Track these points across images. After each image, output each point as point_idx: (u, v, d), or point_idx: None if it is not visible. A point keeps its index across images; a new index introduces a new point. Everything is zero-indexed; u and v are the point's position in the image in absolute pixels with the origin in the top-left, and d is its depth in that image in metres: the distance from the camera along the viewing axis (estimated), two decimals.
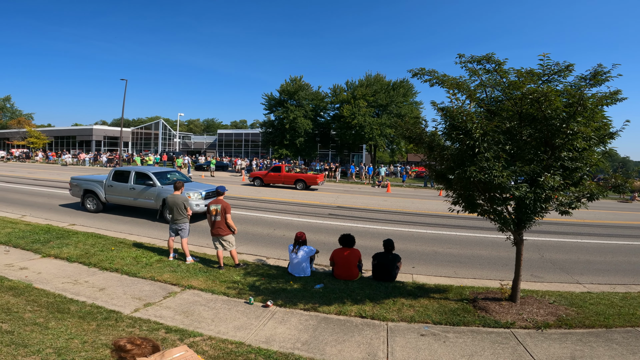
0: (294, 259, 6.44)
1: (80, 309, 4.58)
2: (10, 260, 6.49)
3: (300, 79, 37.76)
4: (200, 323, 4.56)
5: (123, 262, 6.61)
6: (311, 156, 39.08)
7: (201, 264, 6.88)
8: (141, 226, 9.95)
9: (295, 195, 18.31)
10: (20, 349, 3.30)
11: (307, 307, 5.16)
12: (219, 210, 6.54)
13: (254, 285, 5.88)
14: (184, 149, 56.26)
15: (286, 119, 35.57)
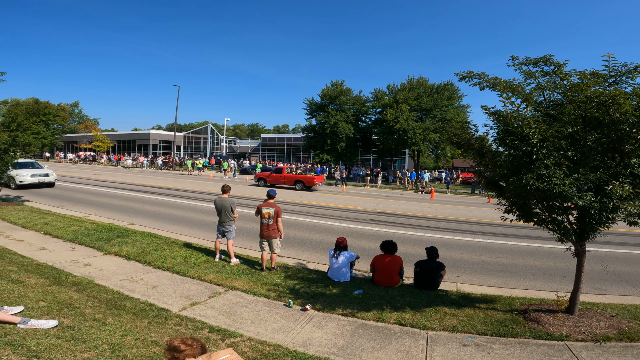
0: (334, 264, 6.46)
1: (134, 306, 4.82)
2: (75, 256, 7.09)
3: (341, 84, 37.88)
4: (241, 324, 4.67)
5: (174, 261, 6.99)
6: (352, 161, 38.91)
7: (244, 265, 7.10)
8: (191, 227, 10.50)
9: (336, 200, 18.36)
10: (79, 344, 3.41)
11: (345, 312, 5.15)
12: (271, 213, 6.73)
13: (293, 289, 5.95)
14: (230, 153, 58.78)
15: (327, 124, 35.79)
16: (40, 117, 38.02)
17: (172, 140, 53.65)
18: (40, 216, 10.36)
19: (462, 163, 57.98)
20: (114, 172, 31.74)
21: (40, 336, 3.37)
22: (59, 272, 5.90)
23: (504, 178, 4.86)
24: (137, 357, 3.38)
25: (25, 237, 8.18)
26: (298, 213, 13.43)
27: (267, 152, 54.46)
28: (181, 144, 59.18)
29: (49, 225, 9.20)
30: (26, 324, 3.55)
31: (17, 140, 11.89)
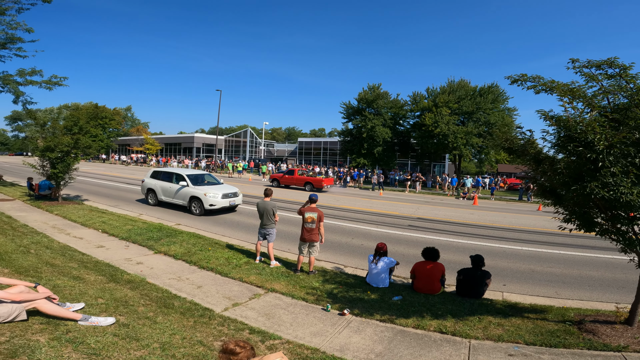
0: (373, 269, 6.44)
1: (181, 305, 5.01)
2: (129, 255, 7.56)
3: (378, 87, 37.43)
4: (279, 326, 4.73)
5: (217, 262, 7.23)
6: (389, 165, 38.22)
7: (284, 267, 7.21)
8: (232, 229, 10.84)
9: (373, 205, 18.16)
10: (133, 342, 3.50)
11: (383, 318, 5.12)
12: (314, 218, 6.83)
13: (331, 293, 5.98)
14: (268, 157, 60.13)
15: (364, 128, 35.46)
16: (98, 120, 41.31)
17: (214, 144, 55.98)
18: (98, 215, 11.18)
19: (507, 168, 54.95)
20: None
21: (99, 334, 3.49)
22: (115, 270, 6.30)
23: (564, 186, 4.62)
24: (184, 356, 3.48)
25: (84, 235, 8.86)
26: (335, 217, 13.41)
27: (304, 156, 55.04)
28: (222, 147, 61.51)
29: (106, 224, 9.91)
30: (86, 321, 3.68)
31: (79, 143, 12.92)
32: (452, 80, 34.62)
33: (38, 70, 17.28)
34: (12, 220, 9.49)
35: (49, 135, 13.20)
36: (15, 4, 15.72)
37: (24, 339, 3.08)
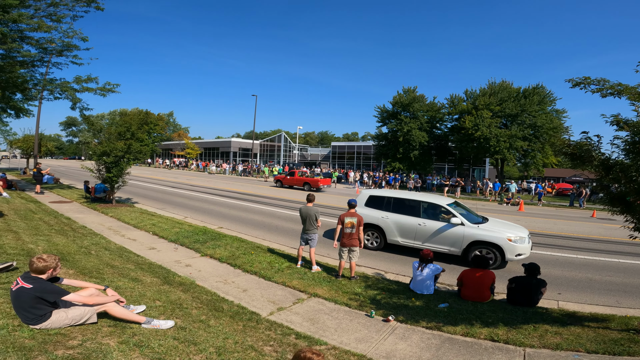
0: (418, 276, 6.37)
1: (230, 308, 5.09)
2: (178, 257, 7.86)
3: (414, 90, 36.68)
4: (324, 332, 4.73)
5: (260, 265, 7.35)
6: (426, 170, 37.22)
7: (325, 273, 7.22)
8: (272, 233, 10.98)
9: None
10: (191, 346, 3.51)
11: (429, 325, 5.03)
12: (354, 223, 6.83)
13: (374, 299, 5.93)
14: (301, 161, 60.77)
15: (400, 132, 34.82)
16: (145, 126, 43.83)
17: (250, 148, 57.49)
18: (148, 217, 11.78)
19: (555, 172, 51.66)
20: (202, 178, 35.01)
21: (160, 337, 3.55)
22: (167, 272, 6.56)
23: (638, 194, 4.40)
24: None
25: (137, 237, 9.35)
26: None
27: (337, 160, 55.02)
28: (257, 151, 63.00)
29: (156, 227, 10.40)
30: (149, 324, 3.74)
31: (131, 148, 13.71)
32: (493, 82, 33.19)
33: (93, 78, 18.21)
34: (71, 222, 10.23)
35: (104, 141, 14.06)
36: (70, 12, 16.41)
37: (95, 342, 3.18)
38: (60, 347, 2.99)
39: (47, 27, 15.06)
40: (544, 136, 30.44)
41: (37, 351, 2.88)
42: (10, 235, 6.73)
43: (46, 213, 10.83)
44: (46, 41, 16.48)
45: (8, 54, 15.52)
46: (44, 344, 3.00)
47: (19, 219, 8.66)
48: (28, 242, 6.50)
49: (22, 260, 5.19)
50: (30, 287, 3.24)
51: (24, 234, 7.15)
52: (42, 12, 15.49)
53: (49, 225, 8.86)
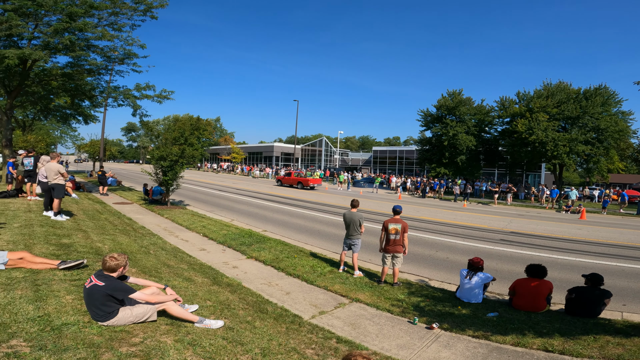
0: (466, 284, 6.22)
1: (273, 310, 5.21)
2: (226, 258, 8.23)
3: (460, 93, 35.24)
4: (365, 337, 4.71)
5: (303, 269, 7.47)
6: (474, 175, 35.50)
7: (367, 278, 7.21)
8: (314, 237, 11.12)
9: (457, 217, 17.10)
10: (239, 346, 3.56)
11: (476, 334, 4.87)
12: (398, 229, 6.82)
13: (418, 306, 5.84)
14: (342, 165, 60.77)
15: (445, 136, 33.60)
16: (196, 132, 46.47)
17: (292, 153, 58.64)
18: (199, 219, 12.45)
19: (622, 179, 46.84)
20: (246, 182, 36.33)
21: (211, 336, 3.62)
22: (216, 273, 6.89)
23: None
24: None
25: (189, 238, 9.93)
26: (416, 229, 12.95)
27: (379, 165, 54.32)
28: (299, 156, 64.07)
29: (206, 228, 10.97)
30: (201, 323, 3.83)
31: (184, 153, 14.60)
32: (549, 83, 30.92)
33: (151, 85, 19.23)
34: (132, 222, 11.11)
35: (161, 146, 15.05)
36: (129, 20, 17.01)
37: (154, 340, 3.29)
38: (124, 345, 3.14)
39: (110, 36, 15.83)
40: (609, 140, 27.82)
41: (104, 348, 3.01)
42: (80, 234, 7.42)
43: (110, 213, 11.88)
44: (109, 49, 17.33)
45: (76, 62, 16.70)
46: (110, 341, 3.16)
47: (87, 219, 9.57)
48: (96, 241, 7.13)
49: (91, 258, 5.66)
50: (102, 285, 3.47)
51: (92, 233, 7.87)
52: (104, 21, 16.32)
53: (113, 225, 9.70)
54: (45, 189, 8.90)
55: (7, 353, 2.70)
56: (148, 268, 5.87)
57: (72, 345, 2.95)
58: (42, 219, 8.21)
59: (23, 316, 3.35)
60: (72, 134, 49.16)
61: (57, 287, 4.16)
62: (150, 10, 16.73)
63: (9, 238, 6.16)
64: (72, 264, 4.91)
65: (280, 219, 14.07)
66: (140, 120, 21.43)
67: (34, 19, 14.06)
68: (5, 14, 12.59)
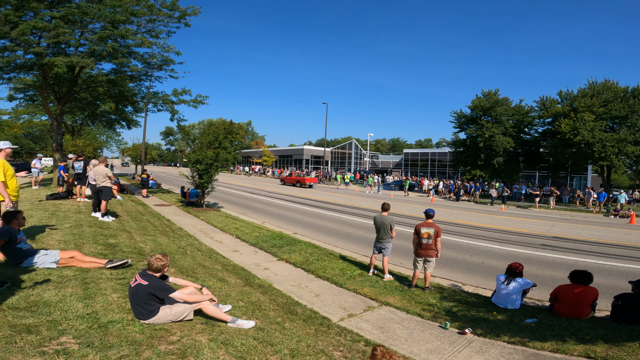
0: (503, 290, 6.05)
1: (303, 312, 5.25)
2: (257, 260, 8.43)
3: (495, 93, 33.85)
4: (394, 340, 4.67)
5: (332, 272, 7.51)
6: (512, 178, 33.93)
7: (397, 282, 7.15)
8: (343, 240, 11.12)
9: (493, 221, 16.48)
10: (268, 347, 3.61)
11: (512, 340, 4.74)
12: (431, 233, 6.72)
13: (450, 311, 5.73)
14: (372, 168, 60.24)
15: (480, 137, 32.36)
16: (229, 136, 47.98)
17: (322, 156, 58.89)
18: (232, 221, 12.84)
19: None
20: (277, 185, 36.94)
21: (242, 336, 3.69)
22: (248, 274, 7.08)
23: None
24: None
25: (223, 239, 10.27)
26: (450, 233, 12.61)
27: (410, 167, 53.31)
28: (329, 159, 64.27)
29: (239, 230, 11.31)
30: (234, 323, 3.91)
31: (219, 157, 15.09)
32: (594, 82, 28.98)
33: (187, 90, 19.91)
34: (171, 224, 11.67)
35: (197, 149, 15.67)
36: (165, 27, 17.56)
37: (190, 339, 3.39)
38: (163, 343, 3.24)
39: (149, 43, 16.41)
40: None
41: (145, 346, 3.11)
42: (125, 235, 7.90)
43: (151, 215, 12.55)
44: (149, 56, 17.97)
45: (119, 68, 17.54)
46: (150, 339, 3.27)
47: (131, 220, 10.18)
48: (139, 242, 7.56)
49: (134, 258, 5.99)
50: (146, 284, 3.66)
51: (135, 233, 8.36)
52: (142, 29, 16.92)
53: (153, 226, 10.24)
54: (93, 191, 9.57)
55: (56, 350, 2.82)
56: (185, 268, 6.14)
57: (117, 343, 3.08)
58: (90, 219, 8.82)
59: (73, 313, 3.55)
60: (117, 139, 52.42)
61: (104, 285, 4.44)
62: (184, 17, 17.27)
63: (60, 238, 6.66)
64: (117, 263, 5.23)
65: (310, 222, 14.20)
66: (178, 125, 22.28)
67: (80, 26, 14.83)
68: (53, 21, 13.32)
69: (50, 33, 13.30)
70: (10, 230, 4.78)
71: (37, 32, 13.60)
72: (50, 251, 5.09)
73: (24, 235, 5.11)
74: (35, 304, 3.67)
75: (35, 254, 4.93)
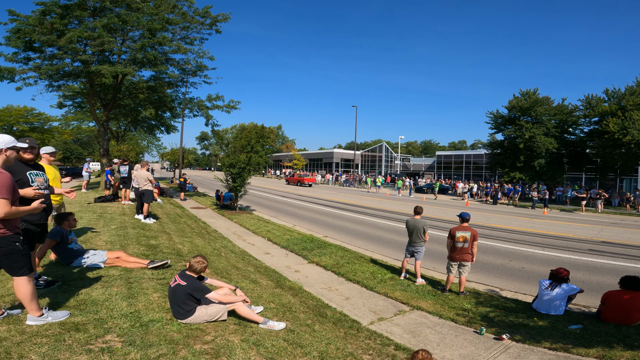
0: (545, 295, 5.85)
1: (332, 315, 5.26)
2: (288, 262, 8.56)
3: (535, 92, 32.16)
4: (425, 345, 4.59)
5: (363, 275, 7.48)
6: (556, 180, 32.05)
7: (429, 286, 7.01)
8: (374, 243, 11.03)
9: (535, 225, 15.66)
10: (298, 349, 3.63)
11: (554, 346, 4.57)
12: (467, 237, 6.59)
13: (486, 316, 5.56)
14: (404, 171, 59.10)
15: (520, 138, 30.89)
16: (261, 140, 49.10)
17: (352, 159, 58.65)
18: (264, 224, 13.12)
19: None
20: (307, 188, 37.24)
21: (273, 337, 3.73)
22: (279, 276, 7.20)
23: None
24: None
25: (255, 242, 10.53)
26: (487, 237, 12.14)
27: (443, 170, 51.77)
28: (359, 162, 63.83)
29: (270, 233, 11.53)
30: (265, 324, 3.96)
31: (251, 161, 15.47)
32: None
33: (221, 96, 20.67)
34: (206, 226, 12.13)
35: (231, 153, 16.11)
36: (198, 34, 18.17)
37: (223, 339, 3.47)
38: (198, 342, 3.32)
39: (184, 49, 17.13)
40: None
41: (182, 345, 3.20)
42: (165, 236, 8.30)
43: (189, 217, 13.10)
44: (184, 62, 18.67)
45: (158, 75, 18.28)
46: (186, 338, 3.35)
47: (170, 222, 10.69)
48: (177, 243, 7.92)
49: (173, 259, 6.26)
50: (185, 285, 3.80)
51: (174, 235, 8.77)
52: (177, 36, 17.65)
53: (190, 228, 10.69)
54: (137, 194, 10.17)
55: (102, 348, 2.93)
56: (220, 269, 6.36)
57: (156, 342, 3.17)
58: (134, 221, 9.36)
59: (117, 312, 3.70)
60: (157, 143, 55.29)
61: (146, 285, 4.67)
62: (215, 24, 17.86)
63: (107, 238, 7.12)
64: (158, 263, 5.50)
65: (340, 225, 14.20)
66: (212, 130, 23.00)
67: (121, 34, 15.70)
68: (96, 30, 14.10)
69: (95, 41, 14.13)
70: (62, 231, 5.15)
71: (83, 40, 14.46)
72: (98, 251, 5.45)
73: (74, 236, 5.51)
74: (83, 303, 3.87)
75: (85, 253, 5.29)
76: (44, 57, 15.23)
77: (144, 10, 14.89)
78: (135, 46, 15.06)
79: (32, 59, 15.26)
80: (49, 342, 2.91)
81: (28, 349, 2.77)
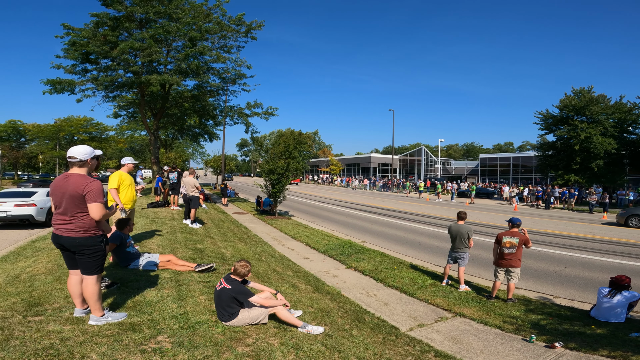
0: (605, 303, 5.63)
1: (371, 320, 5.23)
2: (326, 267, 8.64)
3: (589, 91, 29.83)
4: (468, 352, 4.45)
5: (402, 281, 7.38)
6: (616, 183, 29.39)
7: (474, 293, 6.78)
8: (414, 249, 10.81)
9: (593, 231, 14.56)
10: (336, 353, 3.62)
11: (612, 354, 4.36)
12: (514, 243, 6.39)
13: (537, 324, 5.33)
14: (445, 175, 57.08)
15: (574, 139, 28.76)
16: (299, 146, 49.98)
17: (389, 163, 57.74)
18: (302, 229, 13.34)
19: None
20: (345, 193, 37.24)
21: (311, 342, 3.73)
22: (317, 281, 7.30)
23: None
24: None
25: (294, 247, 10.75)
26: (539, 243, 11.47)
27: (488, 173, 49.39)
28: (397, 166, 62.66)
29: (309, 238, 11.71)
30: (304, 328, 4.00)
31: (289, 166, 15.76)
32: None
33: (259, 103, 21.20)
34: (247, 231, 12.58)
35: (270, 160, 16.49)
36: (235, 43, 18.58)
37: (264, 342, 3.52)
38: (241, 344, 3.39)
39: (223, 58, 17.69)
40: None
41: (225, 347, 3.27)
42: (210, 241, 8.69)
43: (231, 222, 13.65)
44: (224, 71, 19.22)
45: (201, 84, 19.00)
46: (230, 340, 3.42)
47: (214, 227, 11.21)
48: (221, 247, 8.27)
49: (217, 262, 6.50)
50: (230, 288, 3.83)
51: (218, 239, 9.18)
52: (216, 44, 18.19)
53: (233, 233, 11.15)
54: (184, 200, 10.82)
55: (154, 349, 3.03)
56: (260, 273, 6.56)
57: (202, 343, 3.26)
58: (182, 226, 9.93)
59: (168, 313, 3.83)
60: (201, 151, 58.14)
61: (194, 287, 4.90)
62: (250, 31, 18.30)
63: (159, 242, 7.61)
64: (205, 267, 5.78)
65: (379, 230, 14.06)
66: (251, 137, 23.74)
67: (165, 44, 16.53)
68: (145, 41, 14.87)
69: (144, 52, 15.00)
70: (121, 235, 5.59)
71: (133, 51, 15.43)
72: (152, 254, 5.85)
73: (132, 240, 5.97)
74: (139, 304, 4.05)
75: (140, 256, 5.70)
76: (99, 68, 16.34)
77: (183, 20, 15.57)
78: (179, 56, 15.93)
79: (89, 71, 16.42)
80: (108, 342, 3.09)
81: (89, 349, 2.94)
